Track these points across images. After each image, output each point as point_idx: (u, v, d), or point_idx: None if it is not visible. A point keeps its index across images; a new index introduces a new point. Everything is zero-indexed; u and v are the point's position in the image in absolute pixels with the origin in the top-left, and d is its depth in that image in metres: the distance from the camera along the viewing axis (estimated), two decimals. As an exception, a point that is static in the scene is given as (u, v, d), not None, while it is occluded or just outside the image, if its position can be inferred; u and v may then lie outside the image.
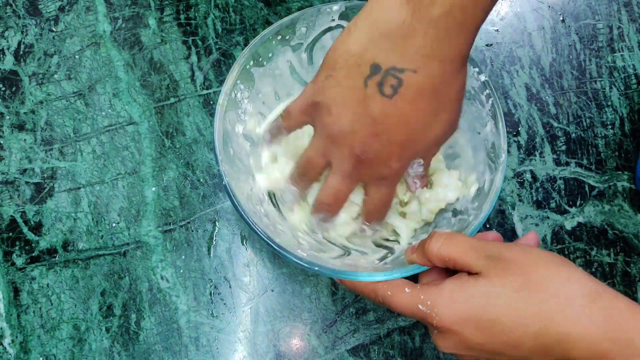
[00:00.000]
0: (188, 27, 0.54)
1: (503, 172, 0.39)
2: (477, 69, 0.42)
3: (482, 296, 0.31)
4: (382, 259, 0.41)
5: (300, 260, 0.36)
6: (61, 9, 0.55)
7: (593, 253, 0.49)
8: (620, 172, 0.52)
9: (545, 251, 0.33)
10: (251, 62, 0.43)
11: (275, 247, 0.36)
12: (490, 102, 0.42)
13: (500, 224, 0.50)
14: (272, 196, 0.44)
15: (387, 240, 0.44)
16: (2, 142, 0.50)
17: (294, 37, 0.44)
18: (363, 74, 0.33)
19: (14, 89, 0.52)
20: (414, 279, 0.36)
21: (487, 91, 0.42)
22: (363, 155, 0.35)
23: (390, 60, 0.33)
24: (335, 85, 0.35)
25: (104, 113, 0.51)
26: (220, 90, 0.41)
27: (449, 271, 0.35)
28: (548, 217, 0.50)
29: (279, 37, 0.44)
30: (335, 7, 0.43)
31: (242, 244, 0.48)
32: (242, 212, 0.37)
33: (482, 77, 0.42)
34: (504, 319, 0.30)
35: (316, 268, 0.36)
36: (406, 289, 0.34)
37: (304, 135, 0.42)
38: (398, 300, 0.34)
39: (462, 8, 0.31)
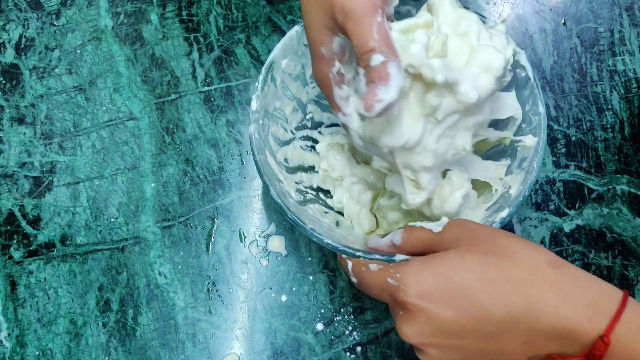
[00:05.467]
0: (190, 24, 0.54)
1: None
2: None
3: (451, 265, 0.30)
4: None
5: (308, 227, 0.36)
6: (63, 3, 0.55)
7: (591, 256, 0.49)
8: (619, 176, 0.52)
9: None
10: None
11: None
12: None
13: (499, 225, 0.50)
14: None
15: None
16: (1, 135, 0.50)
17: None
18: None
19: (14, 82, 0.52)
20: None
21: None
22: None
23: None
24: None
25: (104, 108, 0.51)
26: (220, 88, 0.41)
27: None
28: (547, 220, 0.50)
29: None
30: None
31: (241, 241, 0.48)
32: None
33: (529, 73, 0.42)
34: (475, 284, 0.29)
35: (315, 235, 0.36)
36: (379, 267, 0.33)
37: None
38: (370, 274, 0.33)
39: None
